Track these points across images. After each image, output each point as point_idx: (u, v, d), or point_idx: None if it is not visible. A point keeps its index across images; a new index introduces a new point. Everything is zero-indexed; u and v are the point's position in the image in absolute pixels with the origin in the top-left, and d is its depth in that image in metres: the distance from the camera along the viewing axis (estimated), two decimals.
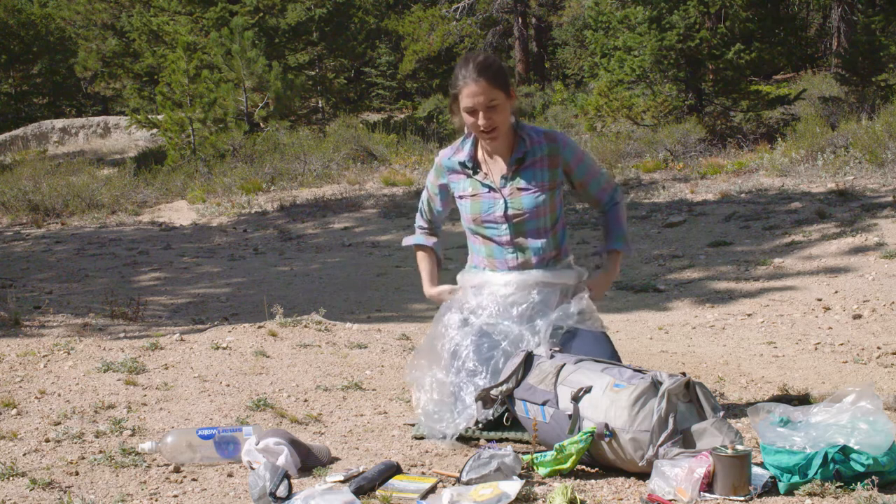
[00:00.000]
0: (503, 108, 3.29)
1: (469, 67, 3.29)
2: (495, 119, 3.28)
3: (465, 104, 3.29)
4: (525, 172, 3.37)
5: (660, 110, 15.75)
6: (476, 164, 3.43)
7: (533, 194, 3.37)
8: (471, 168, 3.43)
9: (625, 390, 2.82)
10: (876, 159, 10.94)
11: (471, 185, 3.45)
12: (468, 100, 3.27)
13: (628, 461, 2.78)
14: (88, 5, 24.76)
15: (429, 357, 3.41)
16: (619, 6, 16.75)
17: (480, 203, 3.42)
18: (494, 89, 3.26)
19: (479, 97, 3.25)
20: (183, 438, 3.05)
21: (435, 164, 3.58)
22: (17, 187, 14.10)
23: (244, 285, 7.80)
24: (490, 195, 3.41)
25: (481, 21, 26.87)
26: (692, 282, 6.96)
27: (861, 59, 16.31)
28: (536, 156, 3.38)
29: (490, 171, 3.42)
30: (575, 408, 2.89)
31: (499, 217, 3.40)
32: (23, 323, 5.36)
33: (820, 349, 4.66)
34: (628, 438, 2.75)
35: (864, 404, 2.71)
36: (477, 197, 3.43)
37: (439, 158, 3.55)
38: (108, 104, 30.22)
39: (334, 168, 15.45)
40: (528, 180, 3.37)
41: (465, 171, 3.45)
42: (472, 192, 3.44)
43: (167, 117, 17.91)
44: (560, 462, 2.79)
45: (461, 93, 3.30)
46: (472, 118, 3.29)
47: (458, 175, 3.48)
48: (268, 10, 22.16)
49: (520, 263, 3.42)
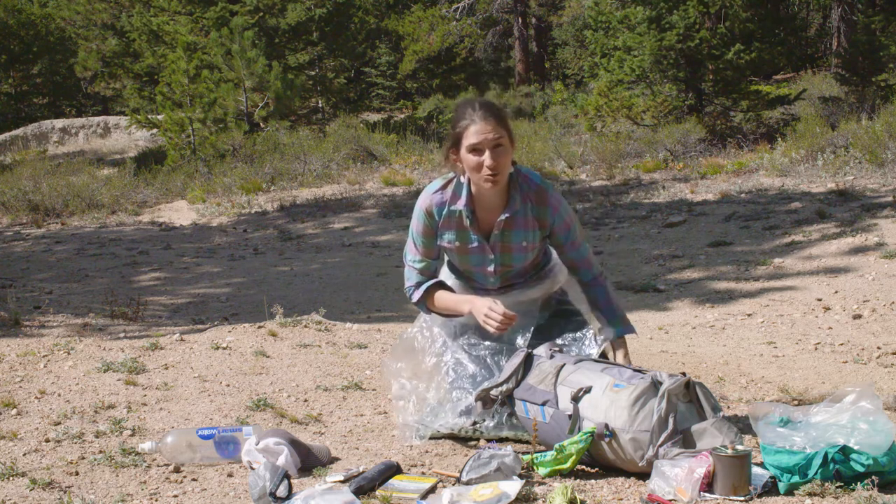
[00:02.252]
0: (507, 150, 3.19)
1: (475, 106, 3.21)
2: (500, 160, 3.16)
3: (471, 141, 3.15)
4: (514, 232, 3.29)
5: (660, 110, 15.75)
6: (473, 213, 3.28)
7: (522, 253, 3.33)
8: (469, 218, 3.27)
9: (625, 390, 2.82)
10: (876, 159, 10.94)
11: (458, 237, 3.32)
12: (475, 137, 3.14)
13: (628, 461, 2.78)
14: (88, 5, 24.74)
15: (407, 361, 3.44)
16: (619, 6, 16.75)
17: (469, 257, 3.35)
18: (501, 129, 3.17)
19: (487, 135, 3.14)
20: (183, 438, 3.05)
21: (423, 210, 3.32)
22: (17, 187, 14.09)
23: (244, 285, 7.80)
24: (479, 250, 3.33)
25: (481, 21, 26.87)
26: (692, 282, 6.96)
27: (861, 59, 16.31)
28: (527, 216, 3.27)
29: (483, 223, 3.30)
30: (575, 408, 2.89)
31: (489, 272, 3.38)
32: (23, 323, 5.36)
33: (820, 349, 4.66)
34: (628, 438, 2.75)
35: (864, 404, 2.71)
36: (465, 250, 3.34)
37: (429, 204, 3.31)
38: (108, 104, 30.20)
39: (334, 168, 15.44)
40: (518, 240, 3.30)
41: (460, 222, 3.29)
42: (460, 244, 3.33)
43: (167, 117, 17.91)
44: (560, 462, 2.79)
45: (467, 130, 3.17)
46: (477, 158, 3.15)
47: (449, 224, 3.31)
48: (268, 10, 22.15)
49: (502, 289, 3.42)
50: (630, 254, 8.22)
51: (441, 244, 3.36)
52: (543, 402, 2.98)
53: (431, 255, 3.39)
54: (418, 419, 3.27)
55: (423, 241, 3.37)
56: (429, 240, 3.36)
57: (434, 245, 3.37)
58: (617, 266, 7.72)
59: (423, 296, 3.39)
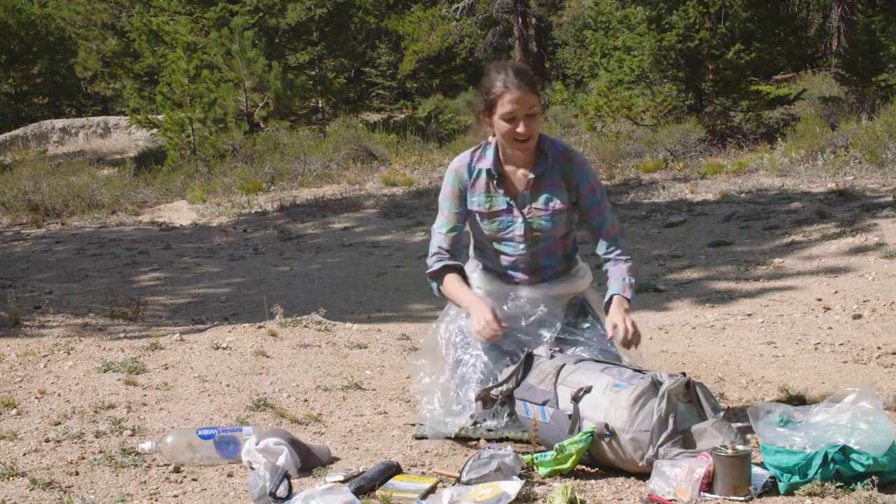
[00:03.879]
0: (539, 115, 3.25)
1: (509, 73, 3.22)
2: (533, 127, 3.21)
3: (506, 109, 3.18)
4: (543, 191, 3.31)
5: (659, 110, 15.75)
6: (500, 173, 3.33)
7: (551, 215, 3.32)
8: (496, 177, 3.31)
9: (625, 390, 2.82)
10: (876, 159, 10.94)
11: (487, 200, 3.33)
12: (510, 105, 3.18)
13: (628, 461, 2.78)
14: (88, 5, 24.74)
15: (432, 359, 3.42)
16: (618, 6, 16.75)
17: (498, 221, 3.33)
18: (533, 96, 3.21)
19: (521, 103, 3.18)
20: (183, 438, 3.05)
21: (452, 172, 3.36)
22: (17, 187, 14.09)
23: (244, 285, 7.80)
24: (508, 213, 3.33)
25: (481, 21, 26.87)
26: (692, 282, 6.96)
27: (861, 59, 16.31)
28: (555, 174, 3.31)
29: (510, 185, 3.33)
30: (575, 408, 2.89)
31: (517, 236, 3.35)
32: (23, 323, 5.36)
33: (820, 349, 4.66)
34: (628, 438, 2.75)
35: (864, 404, 2.71)
36: (494, 215, 3.33)
37: (459, 165, 3.36)
38: (108, 104, 30.20)
39: (334, 168, 15.44)
40: (547, 200, 3.31)
41: (488, 182, 3.32)
42: (489, 209, 3.33)
43: (167, 117, 17.90)
44: (560, 462, 2.79)
45: (501, 98, 3.19)
46: (510, 125, 3.20)
47: (477, 186, 3.34)
48: (268, 10, 22.14)
49: (531, 278, 3.40)
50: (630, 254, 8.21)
51: (471, 209, 3.35)
52: (543, 402, 2.98)
53: (459, 219, 3.37)
54: (443, 413, 3.26)
55: (451, 204, 3.36)
56: (457, 202, 3.36)
57: (462, 209, 3.36)
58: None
59: (438, 270, 3.33)
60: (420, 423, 3.37)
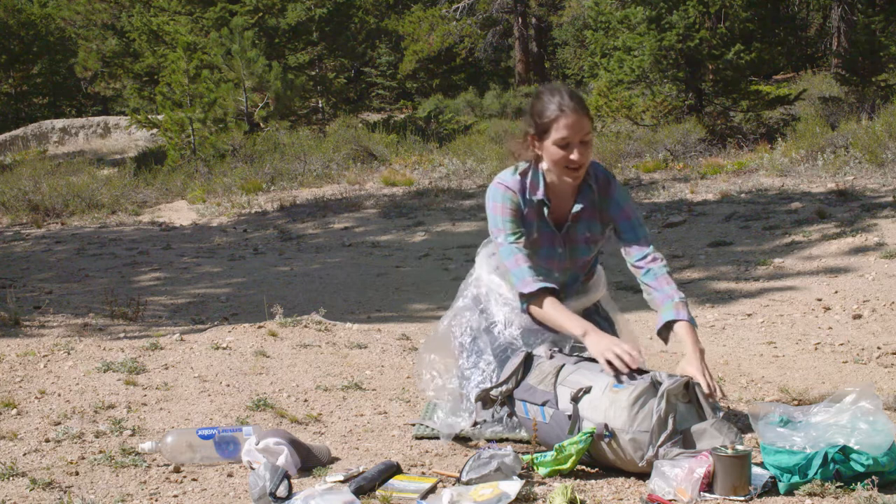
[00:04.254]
0: (592, 142, 3.16)
1: (564, 96, 3.10)
2: (587, 154, 3.11)
3: (561, 135, 3.07)
4: (584, 222, 3.26)
5: (659, 110, 15.75)
6: (550, 203, 3.22)
7: (587, 246, 3.29)
8: (547, 207, 3.21)
9: (624, 391, 2.82)
10: (876, 159, 10.94)
11: (535, 230, 3.23)
12: (566, 131, 3.07)
13: (628, 461, 2.78)
14: (88, 5, 24.75)
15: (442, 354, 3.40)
16: (618, 6, 16.74)
17: (539, 249, 3.25)
18: (588, 121, 3.12)
19: (577, 129, 3.07)
20: (183, 438, 3.05)
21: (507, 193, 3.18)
22: (17, 187, 14.08)
23: (244, 285, 7.80)
24: (549, 240, 3.25)
25: (481, 21, 26.88)
26: (692, 282, 6.96)
27: (861, 59, 16.32)
28: (594, 206, 3.25)
29: (555, 213, 3.25)
30: (574, 408, 2.89)
31: (556, 264, 3.30)
32: (23, 323, 5.36)
33: (820, 349, 4.66)
34: (628, 439, 2.75)
35: (864, 404, 2.71)
36: (538, 242, 3.25)
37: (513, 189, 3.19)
38: (108, 104, 30.20)
39: (334, 168, 15.44)
40: (583, 231, 3.26)
41: (539, 213, 3.22)
42: (537, 236, 3.24)
43: (167, 117, 17.90)
44: (560, 462, 2.79)
45: (556, 123, 3.08)
46: (564, 152, 3.09)
47: (529, 215, 3.22)
48: (268, 10, 22.14)
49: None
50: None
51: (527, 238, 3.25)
52: (543, 403, 2.98)
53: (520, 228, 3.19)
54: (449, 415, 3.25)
55: (513, 224, 3.18)
56: (517, 219, 3.19)
57: (520, 223, 3.20)
58: (617, 266, 7.66)
59: (536, 292, 3.11)
60: (420, 423, 3.37)
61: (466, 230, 10.15)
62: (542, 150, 3.15)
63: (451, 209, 11.52)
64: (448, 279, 7.55)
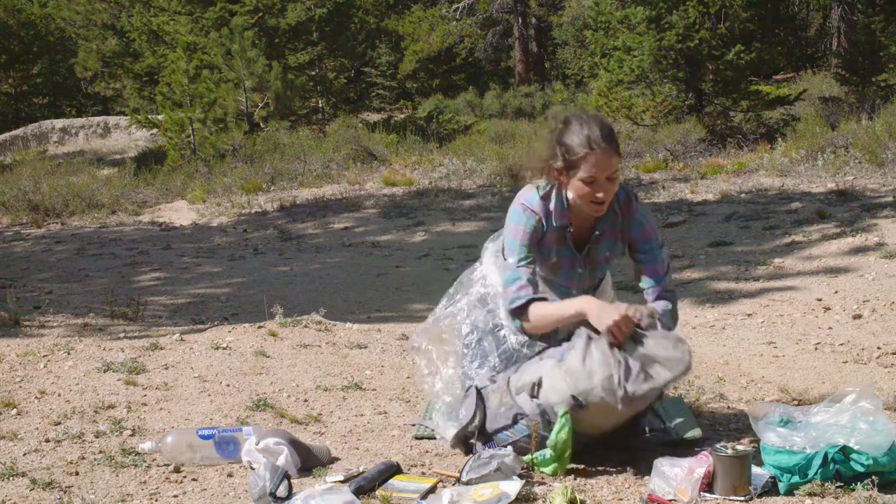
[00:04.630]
0: (619, 177, 3.05)
1: (594, 131, 2.99)
2: (611, 191, 3.03)
3: (588, 174, 2.97)
4: (602, 244, 3.21)
5: (659, 110, 15.75)
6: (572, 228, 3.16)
7: (604, 263, 3.28)
8: (570, 233, 3.15)
9: (570, 358, 2.87)
10: (876, 159, 10.94)
11: (556, 253, 3.17)
12: (594, 169, 2.97)
13: (612, 412, 2.81)
14: (88, 5, 24.74)
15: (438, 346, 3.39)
16: (618, 6, 16.74)
17: (559, 271, 3.21)
18: (617, 157, 3.02)
19: (605, 167, 2.97)
20: (183, 438, 3.05)
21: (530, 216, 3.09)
22: (17, 187, 14.08)
23: (244, 285, 7.80)
24: (570, 262, 3.20)
25: (481, 21, 26.88)
26: (692, 282, 6.96)
27: (861, 59, 16.32)
28: (614, 227, 3.20)
29: (576, 236, 3.19)
30: (538, 405, 2.90)
31: (574, 284, 3.26)
32: (23, 323, 5.36)
33: (820, 349, 4.66)
34: (598, 395, 2.79)
35: (864, 404, 2.71)
36: (559, 265, 3.20)
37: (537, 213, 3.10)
38: (108, 104, 30.20)
39: (334, 168, 15.43)
40: (604, 251, 3.23)
41: (562, 237, 3.15)
42: (557, 259, 3.18)
43: (167, 117, 17.90)
44: (559, 454, 2.80)
45: (585, 160, 2.97)
46: (588, 189, 3.00)
47: (551, 239, 3.15)
48: (268, 10, 22.13)
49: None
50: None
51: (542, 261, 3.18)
52: (515, 421, 2.98)
53: (532, 254, 3.12)
54: (446, 418, 3.26)
55: (527, 246, 3.09)
56: (532, 244, 3.10)
57: (535, 249, 3.12)
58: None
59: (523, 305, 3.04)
60: (420, 423, 3.37)
61: (466, 230, 10.15)
62: (567, 182, 3.07)
63: (451, 209, 11.52)
64: (448, 279, 7.50)
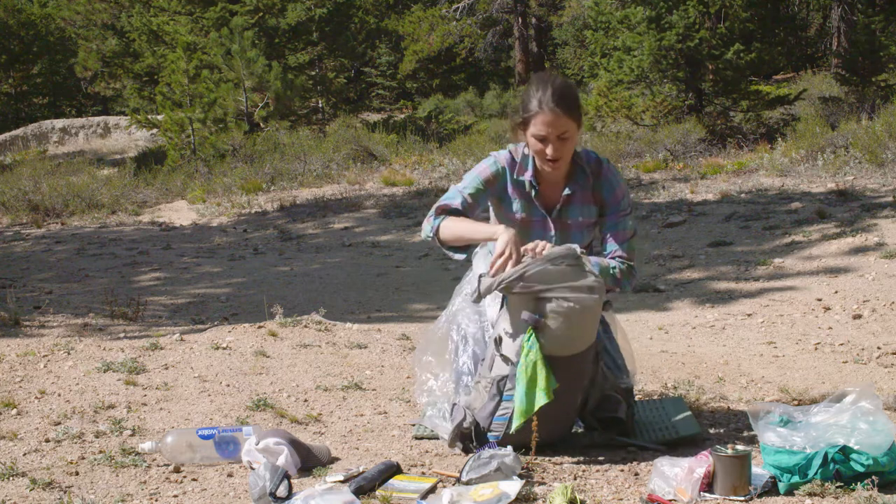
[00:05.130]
0: (573, 139, 3.17)
1: (547, 93, 3.13)
2: (563, 150, 3.15)
3: (537, 131, 3.14)
4: (576, 206, 3.26)
5: (659, 110, 15.75)
6: (539, 186, 3.27)
7: (580, 231, 3.29)
8: (535, 190, 3.26)
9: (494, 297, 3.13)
10: (876, 159, 10.94)
11: (524, 209, 3.27)
12: (541, 127, 3.12)
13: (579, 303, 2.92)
14: (88, 5, 24.74)
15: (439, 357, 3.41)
16: (618, 6, 16.74)
17: (531, 231, 3.26)
18: (569, 120, 3.13)
19: (554, 126, 3.11)
20: (183, 438, 3.05)
21: (499, 164, 3.27)
22: (17, 187, 14.09)
23: (244, 285, 7.80)
24: (541, 224, 3.27)
25: (481, 21, 26.87)
26: (692, 282, 6.96)
27: (861, 59, 16.33)
28: (587, 189, 3.27)
29: (546, 197, 3.28)
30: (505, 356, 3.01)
31: None
32: (23, 323, 5.37)
33: (820, 349, 4.67)
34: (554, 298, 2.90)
35: (864, 404, 2.71)
36: (529, 223, 3.27)
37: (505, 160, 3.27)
38: (108, 104, 30.20)
39: (334, 168, 15.44)
40: (576, 215, 3.27)
41: (527, 193, 3.26)
42: (525, 216, 3.27)
43: (167, 117, 17.90)
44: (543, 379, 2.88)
45: (534, 118, 3.13)
46: (541, 146, 3.15)
47: (518, 193, 3.27)
48: (268, 10, 22.13)
49: None
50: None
51: (505, 212, 3.29)
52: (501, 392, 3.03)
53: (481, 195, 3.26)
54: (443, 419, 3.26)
55: (481, 181, 3.26)
56: (488, 185, 3.26)
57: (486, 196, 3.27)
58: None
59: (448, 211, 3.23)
60: (420, 423, 3.37)
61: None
62: (525, 138, 3.22)
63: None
64: (448, 279, 7.55)
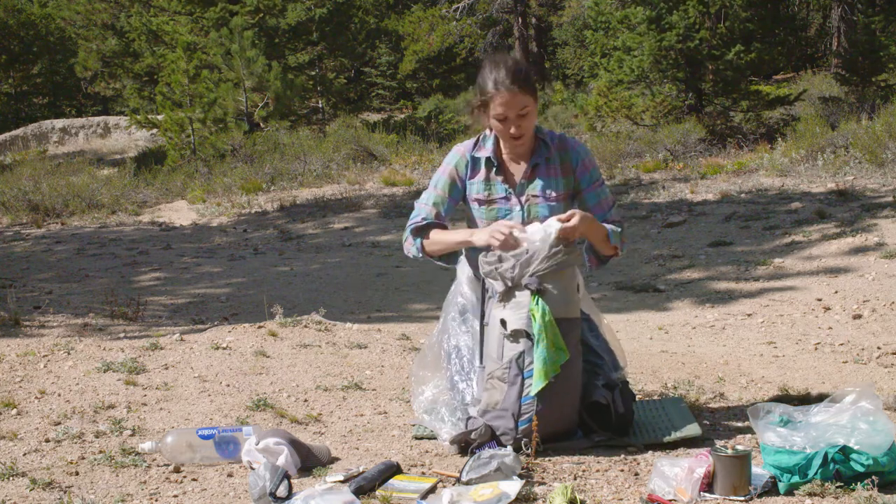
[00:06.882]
0: (532, 114, 3.25)
1: (501, 74, 3.20)
2: (525, 126, 3.23)
3: (497, 112, 3.21)
4: (540, 179, 3.30)
5: (659, 110, 15.75)
6: (499, 162, 3.33)
7: (549, 203, 3.30)
8: (495, 166, 3.31)
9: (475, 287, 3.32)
10: (876, 159, 10.94)
11: (486, 188, 3.32)
12: (500, 108, 3.19)
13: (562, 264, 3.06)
14: (88, 5, 24.73)
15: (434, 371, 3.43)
16: (618, 6, 16.74)
17: (496, 209, 3.32)
18: (526, 96, 3.20)
19: (512, 105, 3.18)
20: (183, 438, 3.05)
21: (456, 154, 3.38)
22: (17, 187, 14.09)
23: (244, 285, 7.80)
24: (506, 201, 3.31)
25: (481, 21, 26.86)
26: (692, 282, 6.96)
27: (861, 59, 16.33)
28: (554, 162, 3.32)
29: (509, 173, 3.34)
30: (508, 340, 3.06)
31: None
32: (23, 323, 5.37)
33: (820, 349, 4.67)
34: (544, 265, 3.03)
35: (864, 404, 2.71)
36: (492, 203, 3.32)
37: (462, 151, 3.38)
38: (108, 104, 30.21)
39: (334, 168, 15.44)
40: (544, 188, 3.30)
41: (486, 170, 3.32)
42: (488, 197, 3.32)
43: (167, 117, 17.90)
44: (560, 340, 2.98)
45: (493, 100, 3.20)
46: (503, 126, 3.22)
47: (477, 174, 3.34)
48: (268, 10, 22.13)
49: None
50: (630, 254, 8.21)
51: (470, 198, 3.35)
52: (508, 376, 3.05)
53: (448, 199, 3.37)
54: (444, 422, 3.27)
55: (445, 183, 3.37)
56: (450, 182, 3.36)
57: (454, 192, 3.37)
58: (617, 266, 7.71)
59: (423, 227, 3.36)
60: (420, 423, 3.37)
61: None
62: (486, 119, 3.29)
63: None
64: (448, 279, 7.52)
